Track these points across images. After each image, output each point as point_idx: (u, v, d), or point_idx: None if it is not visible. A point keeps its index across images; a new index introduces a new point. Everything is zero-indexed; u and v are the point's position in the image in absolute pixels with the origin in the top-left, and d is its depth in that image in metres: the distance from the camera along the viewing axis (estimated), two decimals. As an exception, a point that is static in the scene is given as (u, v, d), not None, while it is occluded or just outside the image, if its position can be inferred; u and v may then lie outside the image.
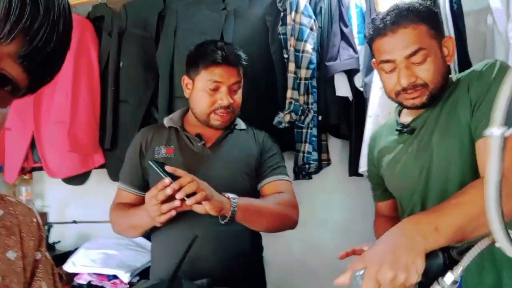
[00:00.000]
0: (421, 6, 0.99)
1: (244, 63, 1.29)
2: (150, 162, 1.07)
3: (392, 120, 1.16)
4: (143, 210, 1.11)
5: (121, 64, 1.89)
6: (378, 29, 0.98)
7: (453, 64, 1.52)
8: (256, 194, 1.30)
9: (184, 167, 1.09)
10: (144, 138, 1.30)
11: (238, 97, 1.29)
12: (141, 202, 1.22)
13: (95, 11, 2.00)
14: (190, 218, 1.12)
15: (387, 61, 0.98)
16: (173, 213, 1.05)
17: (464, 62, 1.54)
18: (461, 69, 1.54)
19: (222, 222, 1.09)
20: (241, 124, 1.38)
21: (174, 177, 1.02)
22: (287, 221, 1.24)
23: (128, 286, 1.71)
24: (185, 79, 1.30)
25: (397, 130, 1.08)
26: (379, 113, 1.53)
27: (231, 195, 1.09)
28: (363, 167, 1.57)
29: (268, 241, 2.04)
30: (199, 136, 1.28)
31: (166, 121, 1.33)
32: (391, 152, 1.10)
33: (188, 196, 1.00)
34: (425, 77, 0.96)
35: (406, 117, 1.10)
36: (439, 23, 1.01)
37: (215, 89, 1.23)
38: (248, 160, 1.30)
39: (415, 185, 1.03)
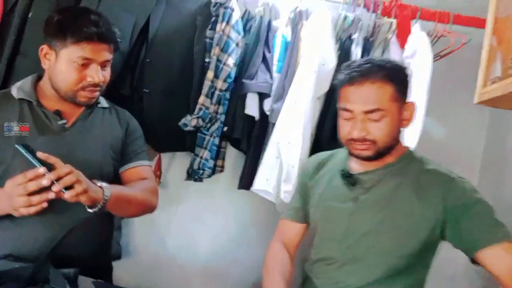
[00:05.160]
0: (394, 66, 1.04)
1: (118, 39, 1.20)
2: (17, 146, 0.95)
3: (342, 158, 1.19)
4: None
5: (30, 14, 1.70)
6: (349, 76, 1.03)
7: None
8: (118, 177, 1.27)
9: (44, 149, 0.98)
10: None
11: (108, 73, 1.20)
12: None
13: None
14: (53, 206, 1.04)
15: (347, 110, 1.04)
16: (45, 205, 0.95)
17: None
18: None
19: (91, 211, 1.03)
20: (103, 102, 1.27)
21: (44, 164, 0.93)
22: (150, 208, 1.26)
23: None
24: (45, 49, 1.14)
25: (342, 174, 1.13)
26: (279, 140, 1.65)
27: (103, 185, 1.04)
28: (256, 186, 1.66)
29: (143, 230, 2.05)
30: (58, 113, 1.16)
31: (16, 91, 1.15)
32: (337, 187, 1.14)
33: (66, 188, 0.93)
34: (376, 135, 1.02)
35: (355, 165, 1.14)
36: (406, 87, 1.05)
37: (85, 65, 1.12)
38: (114, 142, 1.23)
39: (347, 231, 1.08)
